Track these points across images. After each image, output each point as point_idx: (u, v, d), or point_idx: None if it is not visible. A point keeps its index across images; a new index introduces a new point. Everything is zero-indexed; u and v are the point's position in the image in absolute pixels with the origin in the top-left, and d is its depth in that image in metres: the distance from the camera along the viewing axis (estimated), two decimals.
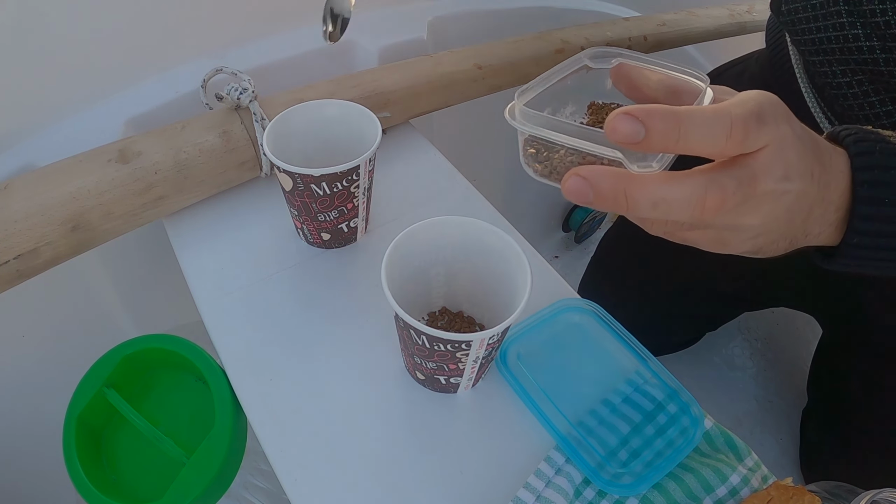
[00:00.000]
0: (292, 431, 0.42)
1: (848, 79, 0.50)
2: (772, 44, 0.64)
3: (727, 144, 0.28)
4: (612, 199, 0.29)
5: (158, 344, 0.48)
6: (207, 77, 0.55)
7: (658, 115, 0.27)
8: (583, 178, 0.29)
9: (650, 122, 0.27)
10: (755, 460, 0.42)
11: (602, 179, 0.29)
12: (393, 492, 0.40)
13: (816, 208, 0.33)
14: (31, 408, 0.65)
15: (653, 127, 0.27)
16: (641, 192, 0.29)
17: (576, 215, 1.29)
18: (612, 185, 0.29)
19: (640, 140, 0.27)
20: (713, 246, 0.34)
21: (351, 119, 0.50)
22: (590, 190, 0.29)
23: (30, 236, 0.45)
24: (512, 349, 0.46)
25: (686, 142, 0.27)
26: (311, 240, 0.53)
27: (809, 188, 0.31)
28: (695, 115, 0.27)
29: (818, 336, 0.82)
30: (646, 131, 0.27)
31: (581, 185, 0.29)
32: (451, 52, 0.65)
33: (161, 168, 0.50)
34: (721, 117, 0.28)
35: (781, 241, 0.34)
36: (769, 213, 0.31)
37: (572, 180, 0.29)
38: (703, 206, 0.29)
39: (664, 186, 0.29)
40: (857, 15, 0.46)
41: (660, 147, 0.27)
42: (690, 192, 0.29)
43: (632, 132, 0.27)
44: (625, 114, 0.27)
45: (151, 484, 0.47)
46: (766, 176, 0.30)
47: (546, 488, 0.40)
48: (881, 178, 0.33)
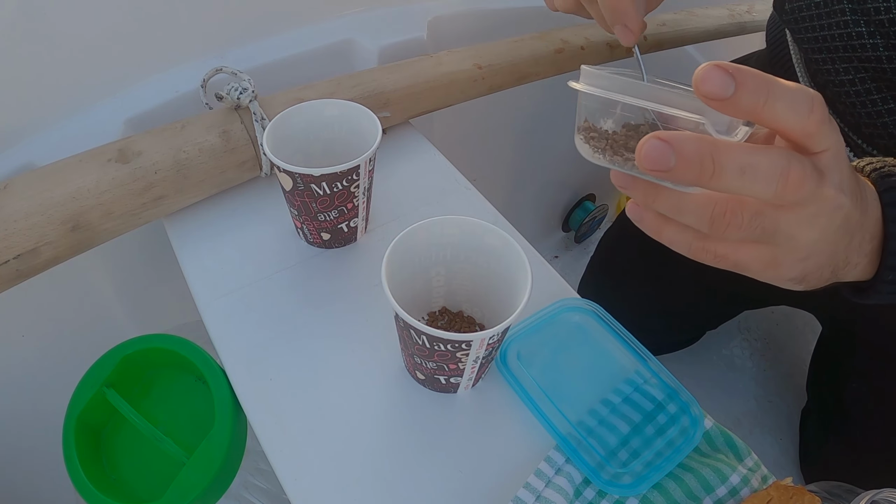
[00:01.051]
0: (292, 431, 0.42)
1: (850, 76, 0.50)
2: (772, 43, 0.64)
3: (808, 120, 0.27)
4: (697, 162, 0.26)
5: (158, 344, 0.48)
6: (207, 77, 0.55)
7: (748, 72, 0.25)
8: (664, 142, 0.26)
9: (742, 76, 0.25)
10: (755, 460, 0.42)
11: (686, 142, 0.26)
12: (393, 491, 0.40)
13: (857, 235, 0.32)
14: (30, 407, 0.65)
15: (744, 83, 0.25)
16: (730, 156, 0.26)
17: (576, 215, 1.29)
18: (697, 147, 0.26)
19: (728, 95, 0.25)
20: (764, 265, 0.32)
21: (351, 119, 0.50)
22: (671, 154, 0.26)
23: (30, 236, 0.45)
24: (512, 349, 0.46)
25: (773, 106, 0.26)
26: (311, 239, 0.53)
27: (855, 210, 0.31)
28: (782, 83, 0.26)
29: (818, 335, 0.82)
30: (735, 86, 0.25)
31: (662, 149, 0.26)
32: (451, 52, 0.65)
33: (161, 168, 0.50)
34: (805, 91, 0.27)
35: (827, 268, 0.33)
36: (825, 227, 0.30)
37: (650, 143, 0.26)
38: (786, 177, 0.27)
39: (752, 152, 0.27)
40: (861, 13, 0.47)
41: (747, 105, 0.26)
42: (777, 160, 0.27)
43: (723, 84, 0.25)
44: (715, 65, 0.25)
45: (151, 484, 0.47)
46: (831, 177, 0.29)
47: (546, 488, 0.40)
48: None
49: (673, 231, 0.32)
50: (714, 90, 0.25)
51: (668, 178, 0.27)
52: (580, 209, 1.28)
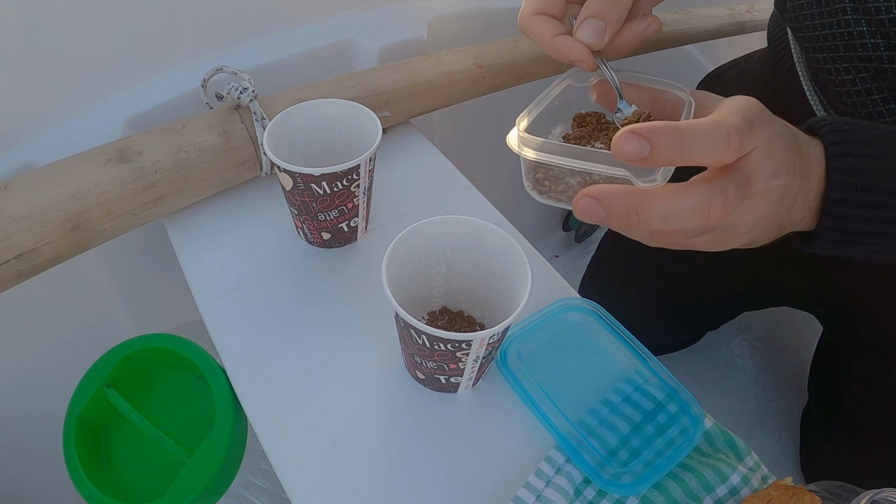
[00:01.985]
0: (292, 431, 0.42)
1: (851, 76, 0.50)
2: (773, 42, 0.64)
3: (726, 152, 0.30)
4: (624, 216, 0.30)
5: (158, 343, 0.48)
6: (207, 76, 0.55)
7: (661, 131, 0.28)
8: (594, 199, 0.30)
9: (655, 138, 0.28)
10: (755, 460, 0.42)
11: (613, 199, 0.30)
12: (393, 491, 0.40)
13: (799, 197, 0.35)
14: (31, 407, 0.65)
15: (657, 143, 0.28)
16: (651, 207, 0.30)
17: None
18: (623, 203, 0.30)
19: (645, 156, 0.28)
20: (713, 246, 0.36)
21: (351, 118, 0.50)
22: (601, 209, 0.30)
23: (30, 236, 0.45)
24: (512, 349, 0.46)
25: (689, 154, 0.29)
26: (311, 239, 0.53)
27: (793, 181, 0.34)
28: (695, 129, 0.29)
29: (818, 335, 0.82)
30: (651, 148, 0.28)
31: (593, 206, 0.30)
32: (451, 51, 0.65)
33: (161, 167, 0.50)
34: (719, 128, 0.30)
35: (772, 231, 0.36)
36: (761, 209, 0.33)
37: (584, 201, 0.31)
38: (708, 212, 0.30)
39: (672, 199, 0.30)
40: (862, 12, 0.47)
41: (664, 161, 0.29)
42: (696, 200, 0.30)
43: (638, 149, 0.28)
44: (630, 133, 0.28)
45: (151, 483, 0.47)
46: (758, 176, 0.32)
47: (546, 488, 0.40)
48: (853, 165, 0.35)
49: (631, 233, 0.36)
50: (631, 155, 0.29)
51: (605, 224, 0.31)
52: None
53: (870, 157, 0.35)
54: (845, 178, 0.35)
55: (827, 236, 0.37)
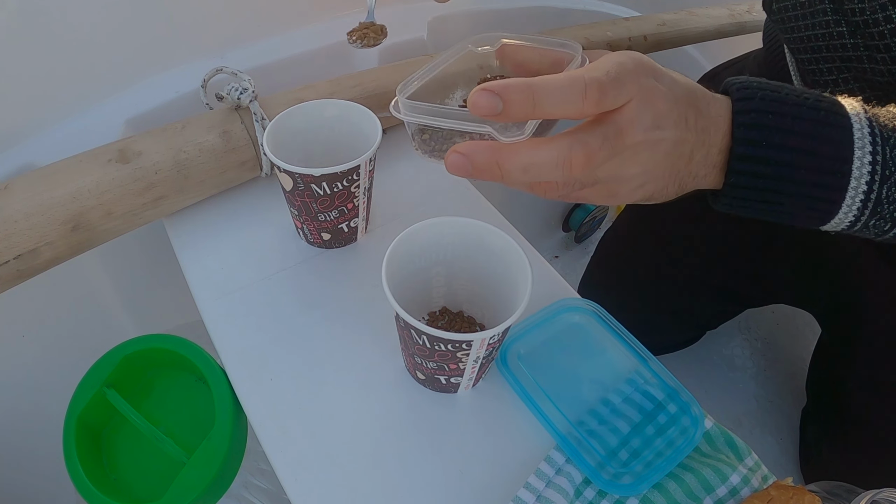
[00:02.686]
0: (292, 431, 0.42)
1: (834, 77, 0.50)
2: (768, 43, 0.64)
3: (584, 105, 0.30)
4: (488, 169, 0.32)
5: (158, 344, 0.48)
6: (207, 77, 0.55)
7: (512, 87, 0.29)
8: (461, 154, 0.32)
9: (506, 94, 0.29)
10: (755, 460, 0.42)
11: (477, 153, 0.32)
12: (393, 491, 0.40)
13: (697, 152, 0.35)
14: (31, 408, 0.65)
15: (509, 99, 0.29)
16: (511, 160, 0.31)
17: (576, 215, 1.29)
18: (486, 157, 0.31)
19: (500, 112, 0.29)
20: (605, 199, 0.36)
21: (351, 119, 0.50)
22: (468, 163, 0.32)
23: (30, 236, 0.45)
24: (512, 349, 0.46)
25: (542, 108, 0.30)
26: (311, 239, 0.53)
27: (686, 134, 0.34)
28: (549, 83, 0.30)
29: (818, 336, 0.82)
30: (503, 103, 0.29)
31: (460, 161, 0.32)
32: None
33: (161, 168, 0.50)
34: (575, 82, 0.30)
35: (671, 185, 0.36)
36: (648, 160, 0.33)
37: (452, 157, 0.32)
38: (569, 164, 0.31)
39: (531, 152, 0.31)
40: (841, 13, 0.47)
41: (519, 116, 0.30)
42: (556, 153, 0.31)
43: (491, 105, 0.29)
44: (482, 90, 0.29)
45: (151, 484, 0.47)
46: (634, 127, 0.32)
47: (546, 488, 0.40)
48: (759, 121, 0.35)
49: None
50: (485, 111, 0.29)
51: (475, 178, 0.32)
52: (580, 209, 1.28)
53: (776, 114, 0.35)
54: (750, 133, 0.35)
55: (732, 192, 0.37)
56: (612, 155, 0.32)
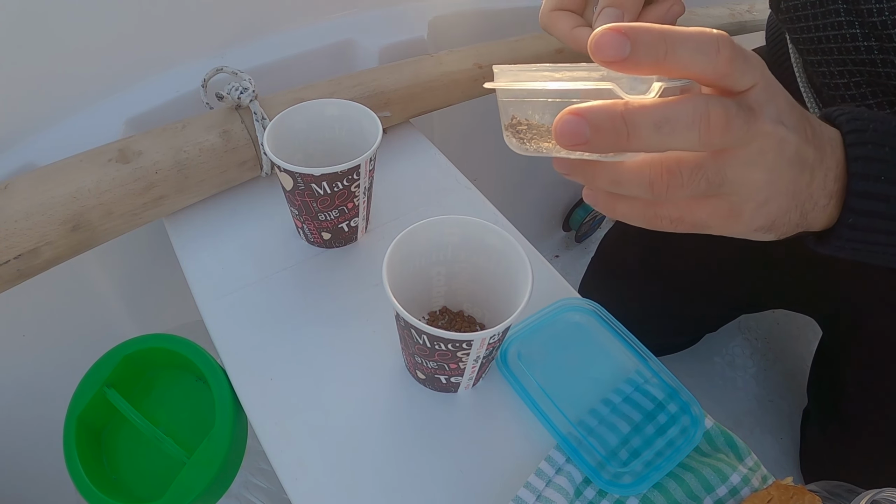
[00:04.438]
0: (292, 431, 0.42)
1: (846, 80, 0.50)
2: (771, 42, 0.64)
3: (718, 59, 0.26)
4: (612, 130, 0.26)
5: (159, 344, 0.48)
6: (208, 77, 0.55)
7: (643, 27, 0.25)
8: (576, 116, 0.26)
9: (635, 35, 0.25)
10: (755, 460, 0.42)
11: (598, 112, 0.26)
12: (393, 491, 0.40)
13: (818, 171, 0.31)
14: (31, 407, 0.65)
15: (639, 39, 0.25)
16: (642, 115, 0.26)
17: (576, 215, 1.29)
18: (608, 114, 0.26)
19: (626, 56, 0.25)
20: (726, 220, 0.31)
21: (351, 118, 0.50)
22: (586, 126, 0.26)
23: (30, 236, 0.45)
24: (512, 349, 0.46)
25: (675, 55, 0.25)
26: (311, 239, 0.53)
27: (806, 146, 0.30)
28: (681, 29, 0.26)
29: (818, 336, 0.82)
30: (631, 46, 0.25)
31: (576, 123, 0.26)
32: (451, 51, 0.65)
33: (161, 168, 0.50)
34: (708, 34, 0.26)
35: (793, 210, 0.32)
36: (775, 164, 0.29)
37: (565, 119, 0.26)
38: (707, 122, 0.26)
39: (664, 106, 0.26)
40: (856, 14, 0.46)
41: (648, 62, 0.25)
42: (693, 107, 0.26)
43: (619, 45, 0.25)
44: (609, 29, 0.25)
45: (152, 483, 0.47)
46: (763, 111, 0.28)
47: (546, 488, 0.40)
48: (874, 154, 0.32)
49: (625, 206, 0.31)
50: (610, 54, 0.25)
51: (589, 149, 0.26)
52: (581, 208, 1.28)
53: (892, 147, 0.32)
54: (868, 167, 0.32)
55: (847, 234, 0.33)
56: (745, 133, 0.27)
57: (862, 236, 0.33)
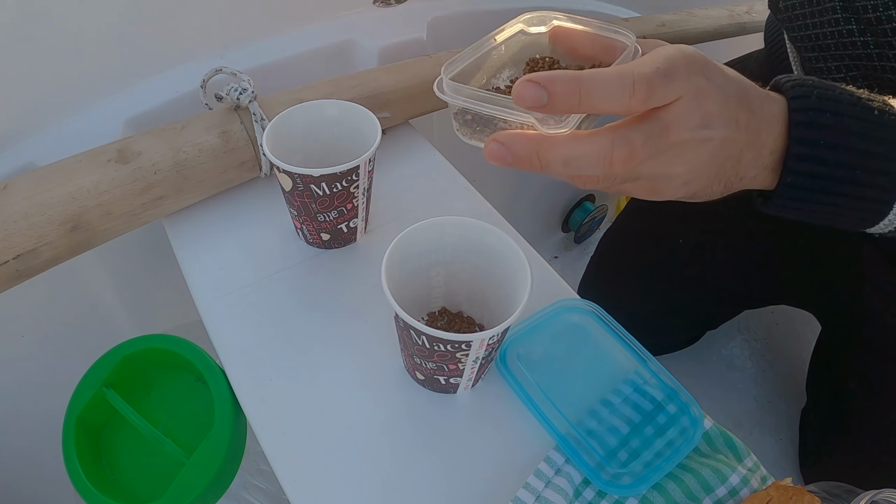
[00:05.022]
0: (292, 431, 0.42)
1: (842, 74, 0.50)
2: (770, 43, 0.64)
3: (631, 102, 0.30)
4: (527, 160, 0.31)
5: (158, 344, 0.48)
6: (207, 77, 0.55)
7: (559, 79, 0.29)
8: (501, 144, 0.31)
9: (552, 86, 0.29)
10: (754, 461, 0.42)
11: (517, 143, 0.31)
12: (392, 492, 0.40)
13: (747, 153, 0.34)
14: (30, 408, 0.65)
15: (554, 91, 0.29)
16: (552, 153, 0.31)
17: (575, 215, 1.29)
18: (525, 147, 0.31)
19: (544, 104, 0.29)
20: (647, 194, 0.35)
21: (350, 119, 0.50)
22: (507, 153, 0.31)
23: (29, 236, 0.45)
24: (511, 349, 0.46)
25: (589, 102, 0.29)
26: (310, 240, 0.53)
27: (736, 135, 0.33)
28: (596, 77, 0.29)
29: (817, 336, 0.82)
30: (549, 96, 0.29)
31: (500, 150, 0.31)
32: (451, 52, 0.65)
33: (161, 168, 0.50)
34: (623, 77, 0.29)
35: (716, 184, 0.35)
36: (693, 160, 0.32)
37: (492, 145, 0.32)
38: (610, 160, 0.30)
39: (573, 145, 0.31)
40: (851, 10, 0.47)
41: (564, 109, 0.29)
42: (598, 148, 0.30)
43: (536, 97, 0.29)
44: (528, 81, 0.29)
45: (151, 484, 0.47)
46: (681, 126, 0.31)
47: (546, 488, 0.40)
48: (816, 119, 0.34)
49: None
50: (530, 103, 0.29)
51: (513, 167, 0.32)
52: (580, 209, 1.28)
53: (833, 113, 0.34)
54: (808, 132, 0.34)
55: (787, 193, 0.36)
56: (655, 153, 0.31)
57: (801, 195, 0.36)
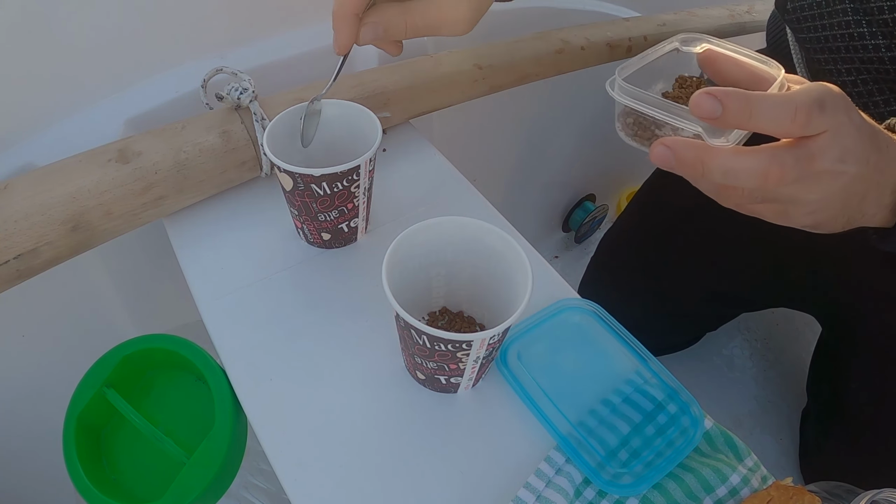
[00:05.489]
0: (292, 431, 0.42)
1: (853, 77, 0.50)
2: (773, 42, 0.64)
3: (791, 126, 0.33)
4: (690, 165, 0.34)
5: (158, 344, 0.48)
6: (207, 77, 0.55)
7: (734, 96, 0.32)
8: (667, 147, 0.34)
9: (727, 101, 0.32)
10: (755, 460, 0.42)
11: (683, 149, 0.34)
12: (392, 491, 0.40)
13: (872, 191, 0.37)
14: (31, 408, 0.65)
15: (729, 105, 0.32)
16: (715, 161, 0.33)
17: (576, 215, 1.29)
18: (692, 153, 0.34)
19: (717, 116, 0.32)
20: (777, 218, 0.38)
21: (351, 119, 0.50)
22: (673, 157, 0.34)
23: (30, 236, 0.45)
24: (512, 349, 0.46)
25: (756, 120, 0.32)
26: (311, 240, 0.53)
27: (865, 172, 0.35)
28: (765, 99, 0.32)
29: (818, 336, 0.82)
30: (722, 109, 0.32)
31: (666, 153, 0.34)
32: (451, 52, 0.65)
33: (161, 168, 0.50)
34: (787, 102, 0.32)
35: (840, 217, 0.38)
36: (826, 190, 0.35)
37: (659, 149, 0.34)
38: (765, 176, 0.33)
39: (734, 157, 0.33)
40: (864, 12, 0.47)
41: (734, 123, 0.32)
42: (756, 163, 0.33)
43: (711, 108, 0.32)
44: (706, 93, 0.32)
45: (151, 484, 0.47)
46: (823, 157, 0.34)
47: (546, 488, 0.40)
48: None
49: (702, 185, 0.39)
50: (705, 112, 0.32)
51: (675, 171, 0.35)
52: (580, 209, 1.28)
53: None
54: None
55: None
56: (798, 178, 0.34)
57: None
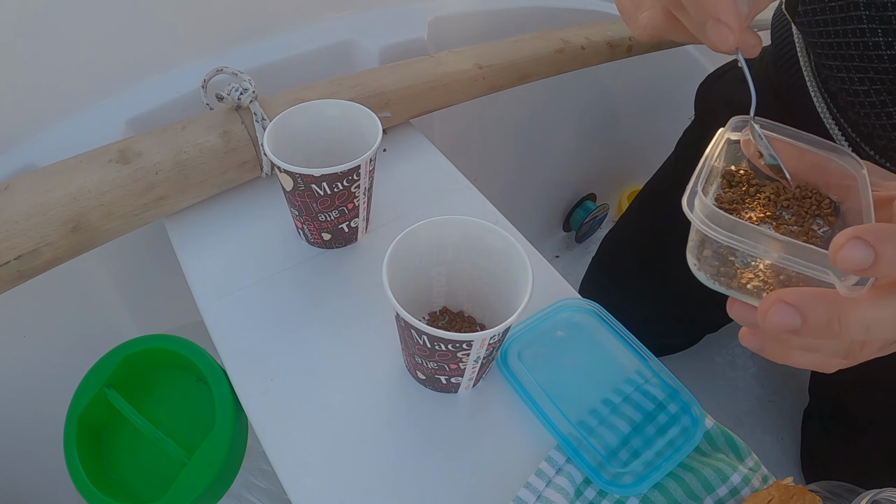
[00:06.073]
0: (293, 431, 0.42)
1: (865, 87, 0.48)
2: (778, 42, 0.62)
3: None
4: (825, 325, 0.27)
5: (159, 344, 0.48)
6: (208, 77, 0.55)
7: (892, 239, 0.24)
8: (790, 306, 0.26)
9: (882, 247, 0.24)
10: (755, 460, 0.42)
11: (814, 306, 0.26)
12: (393, 491, 0.40)
13: None
14: (32, 408, 0.65)
15: (884, 253, 0.24)
16: (855, 315, 0.26)
17: (577, 215, 1.29)
18: (825, 311, 0.26)
19: (868, 266, 0.24)
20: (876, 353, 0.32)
21: (351, 119, 0.50)
22: (797, 317, 0.26)
23: (30, 237, 0.45)
24: (512, 349, 0.46)
25: None
26: (311, 240, 0.53)
27: None
28: None
29: None
30: (875, 257, 0.24)
31: (788, 313, 0.27)
32: (451, 52, 0.65)
33: (162, 168, 0.50)
34: None
35: None
36: None
37: (777, 307, 0.27)
38: None
39: (875, 308, 0.26)
40: (880, 21, 0.45)
41: (888, 272, 0.25)
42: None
43: (863, 258, 0.24)
44: (856, 238, 0.24)
45: (152, 484, 0.47)
46: None
47: (547, 488, 0.40)
48: None
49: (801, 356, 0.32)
50: (854, 265, 0.24)
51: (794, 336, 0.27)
52: (581, 209, 1.28)
53: None
54: None
55: None
56: None
57: None
